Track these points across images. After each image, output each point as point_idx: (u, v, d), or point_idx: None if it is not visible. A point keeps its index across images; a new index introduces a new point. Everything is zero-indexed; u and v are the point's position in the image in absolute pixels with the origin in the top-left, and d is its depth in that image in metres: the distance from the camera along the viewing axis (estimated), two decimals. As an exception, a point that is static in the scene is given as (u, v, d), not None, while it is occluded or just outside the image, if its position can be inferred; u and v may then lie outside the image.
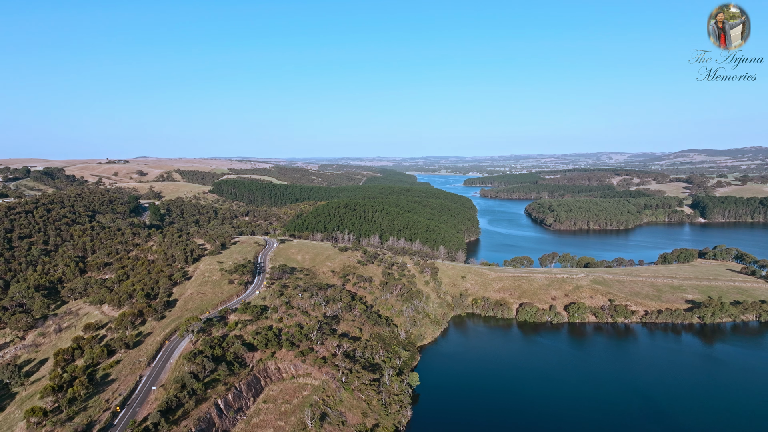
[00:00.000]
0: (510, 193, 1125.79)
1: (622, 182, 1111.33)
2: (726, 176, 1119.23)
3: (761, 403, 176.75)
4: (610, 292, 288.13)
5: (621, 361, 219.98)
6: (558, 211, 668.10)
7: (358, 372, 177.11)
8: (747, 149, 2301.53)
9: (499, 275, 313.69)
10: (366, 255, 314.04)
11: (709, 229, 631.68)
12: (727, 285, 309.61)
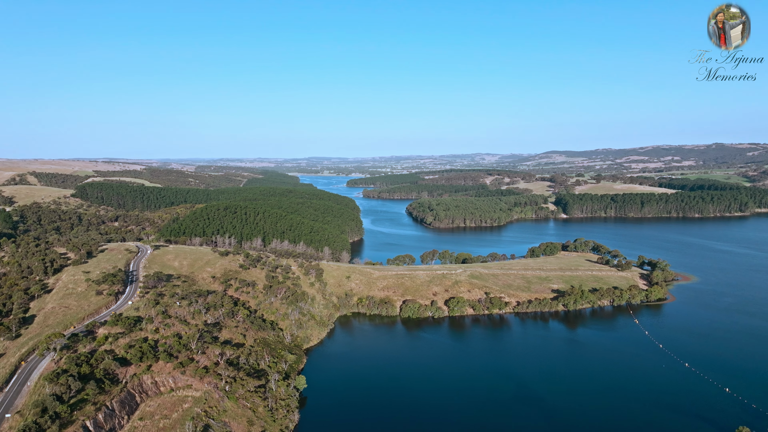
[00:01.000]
0: (392, 193, 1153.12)
1: (495, 182, 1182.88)
2: (583, 175, 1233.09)
3: (614, 379, 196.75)
4: (486, 286, 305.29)
5: (497, 349, 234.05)
6: (437, 210, 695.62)
7: (243, 379, 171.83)
8: (600, 151, 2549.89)
9: (383, 274, 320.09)
10: (248, 259, 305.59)
11: (570, 223, 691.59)
12: (586, 274, 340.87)
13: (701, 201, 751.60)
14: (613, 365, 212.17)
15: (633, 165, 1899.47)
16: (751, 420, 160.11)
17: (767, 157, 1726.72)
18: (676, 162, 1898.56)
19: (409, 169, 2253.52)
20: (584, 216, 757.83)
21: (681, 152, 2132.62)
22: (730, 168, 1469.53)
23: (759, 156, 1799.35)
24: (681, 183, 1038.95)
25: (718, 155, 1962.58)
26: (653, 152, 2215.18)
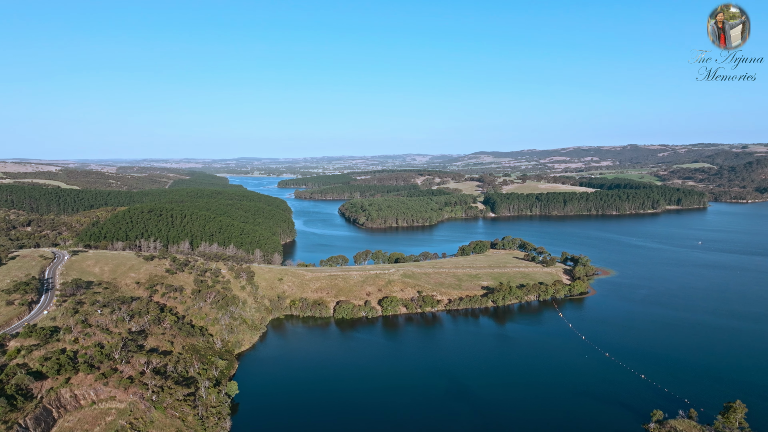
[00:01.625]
0: (324, 194, 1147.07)
1: (426, 182, 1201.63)
2: (510, 175, 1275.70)
3: (541, 371, 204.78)
4: (419, 284, 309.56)
5: (429, 347, 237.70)
6: (369, 211, 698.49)
7: (171, 388, 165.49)
8: (525, 152, 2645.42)
9: (316, 275, 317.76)
10: (175, 263, 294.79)
11: (499, 222, 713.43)
12: (514, 271, 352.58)
13: (618, 199, 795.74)
14: (540, 357, 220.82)
15: (556, 165, 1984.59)
16: (664, 403, 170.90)
17: (675, 158, 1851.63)
18: (595, 162, 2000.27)
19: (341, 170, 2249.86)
20: (511, 215, 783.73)
21: (599, 153, 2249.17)
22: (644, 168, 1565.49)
23: (668, 157, 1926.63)
24: (600, 182, 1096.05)
25: (633, 156, 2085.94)
26: (574, 153, 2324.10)
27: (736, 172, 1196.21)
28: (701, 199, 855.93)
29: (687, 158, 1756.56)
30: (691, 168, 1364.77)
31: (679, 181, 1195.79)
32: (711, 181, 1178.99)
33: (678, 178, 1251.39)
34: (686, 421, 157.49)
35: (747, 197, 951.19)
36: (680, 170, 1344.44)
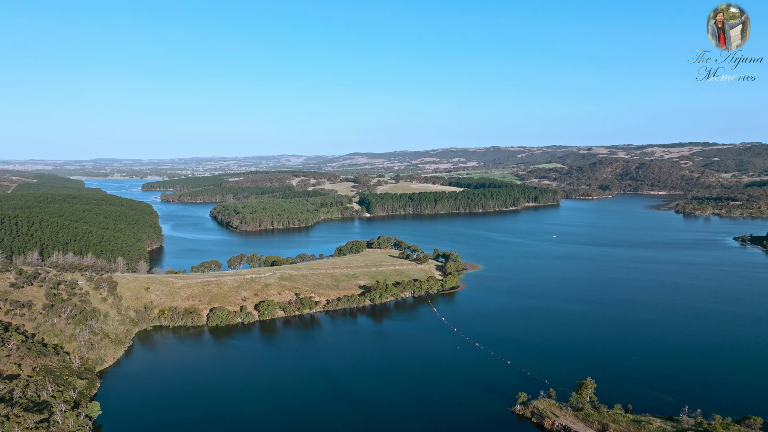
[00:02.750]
0: (194, 197, 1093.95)
1: (301, 183, 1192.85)
2: (384, 176, 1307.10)
3: (417, 364, 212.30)
4: (296, 287, 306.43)
5: (309, 349, 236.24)
6: (243, 213, 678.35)
7: (19, 416, 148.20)
8: (398, 153, 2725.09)
9: (188, 282, 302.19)
10: (22, 276, 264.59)
11: (374, 222, 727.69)
12: (390, 269, 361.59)
13: (484, 198, 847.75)
14: (416, 351, 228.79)
15: (427, 166, 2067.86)
16: (528, 385, 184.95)
17: (533, 159, 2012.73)
18: (462, 163, 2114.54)
19: (212, 171, 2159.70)
20: (386, 214, 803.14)
21: (466, 154, 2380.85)
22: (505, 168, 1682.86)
23: (526, 158, 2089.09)
24: (467, 182, 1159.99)
25: (496, 157, 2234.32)
26: (443, 154, 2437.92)
27: (583, 172, 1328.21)
28: (555, 196, 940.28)
29: (542, 159, 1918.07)
30: (546, 168, 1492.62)
31: (536, 180, 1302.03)
32: (563, 179, 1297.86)
33: (535, 177, 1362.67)
34: (547, 400, 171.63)
35: (592, 194, 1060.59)
36: (537, 170, 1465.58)
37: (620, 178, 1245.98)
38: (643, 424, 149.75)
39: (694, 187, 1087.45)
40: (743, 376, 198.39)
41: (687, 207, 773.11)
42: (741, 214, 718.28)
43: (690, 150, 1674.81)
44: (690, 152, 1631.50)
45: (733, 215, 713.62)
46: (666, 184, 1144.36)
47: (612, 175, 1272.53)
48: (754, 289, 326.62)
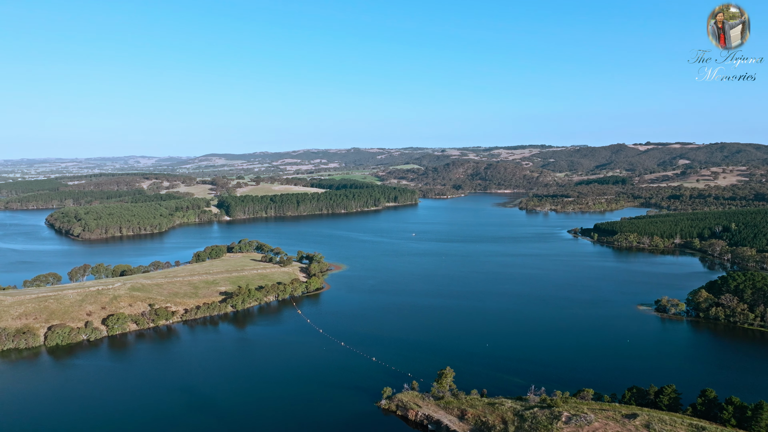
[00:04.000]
0: (25, 203, 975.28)
1: (153, 186, 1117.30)
2: (243, 178, 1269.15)
3: (284, 368, 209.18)
4: (150, 297, 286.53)
5: (166, 362, 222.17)
6: (86, 220, 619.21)
7: None
8: (258, 154, 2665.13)
9: (20, 299, 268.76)
10: None
11: (234, 225, 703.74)
12: (252, 273, 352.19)
13: (346, 198, 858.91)
14: (282, 355, 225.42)
15: (288, 167, 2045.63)
16: (393, 380, 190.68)
17: (391, 160, 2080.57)
18: (324, 164, 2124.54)
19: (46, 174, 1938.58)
20: (247, 217, 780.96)
21: (327, 155, 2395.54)
22: (366, 169, 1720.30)
23: (385, 159, 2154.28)
24: (329, 183, 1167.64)
25: (356, 158, 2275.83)
26: (305, 155, 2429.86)
27: (438, 172, 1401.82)
28: (413, 196, 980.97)
29: (400, 160, 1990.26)
30: (404, 169, 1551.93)
31: (395, 181, 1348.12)
32: (420, 180, 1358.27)
33: (394, 178, 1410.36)
34: (410, 392, 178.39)
35: (447, 193, 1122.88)
36: (396, 171, 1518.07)
37: (471, 177, 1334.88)
38: (496, 405, 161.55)
39: (534, 185, 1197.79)
40: (577, 354, 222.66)
41: (529, 204, 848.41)
42: (573, 209, 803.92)
43: (530, 152, 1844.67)
44: (530, 154, 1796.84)
45: (566, 210, 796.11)
46: (511, 183, 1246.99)
47: (464, 175, 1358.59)
48: (584, 275, 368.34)
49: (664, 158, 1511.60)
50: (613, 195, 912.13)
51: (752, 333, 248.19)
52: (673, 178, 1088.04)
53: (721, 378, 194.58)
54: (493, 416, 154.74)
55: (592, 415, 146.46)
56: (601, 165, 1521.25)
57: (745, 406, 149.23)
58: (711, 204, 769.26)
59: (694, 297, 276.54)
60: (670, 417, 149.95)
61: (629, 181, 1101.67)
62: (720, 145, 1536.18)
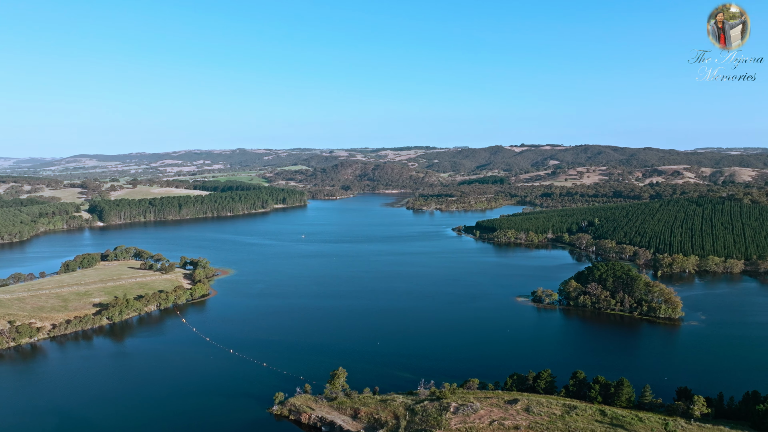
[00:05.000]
0: None
1: (11, 190, 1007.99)
2: (118, 180, 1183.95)
3: (170, 381, 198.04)
4: (10, 313, 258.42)
5: (30, 385, 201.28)
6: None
7: None
8: (134, 155, 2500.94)
9: None
10: None
11: (109, 231, 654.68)
12: (130, 282, 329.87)
13: (232, 201, 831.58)
14: (166, 367, 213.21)
15: (168, 169, 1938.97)
16: (285, 384, 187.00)
17: (279, 161, 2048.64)
18: (208, 165, 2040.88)
19: None
20: (123, 222, 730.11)
21: (211, 156, 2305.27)
22: (252, 170, 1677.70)
23: (273, 160, 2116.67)
24: (213, 185, 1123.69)
25: (242, 159, 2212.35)
26: (186, 156, 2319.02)
27: (327, 173, 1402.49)
28: (302, 197, 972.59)
29: (288, 161, 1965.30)
30: (292, 170, 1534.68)
31: (283, 182, 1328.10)
32: (308, 181, 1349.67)
33: (282, 179, 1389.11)
34: (303, 395, 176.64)
35: (336, 194, 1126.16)
36: (284, 172, 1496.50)
37: (360, 178, 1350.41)
38: (388, 402, 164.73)
39: (420, 185, 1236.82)
40: (464, 346, 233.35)
41: (416, 204, 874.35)
42: (457, 208, 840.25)
43: (416, 153, 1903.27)
44: (416, 155, 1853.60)
45: (451, 209, 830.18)
46: (398, 183, 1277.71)
47: (352, 176, 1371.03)
48: (468, 270, 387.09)
49: (536, 159, 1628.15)
50: (492, 194, 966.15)
51: (614, 317, 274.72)
52: (545, 178, 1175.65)
53: (589, 360, 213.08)
54: (385, 413, 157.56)
55: (477, 403, 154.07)
56: (481, 165, 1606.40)
57: (609, 384, 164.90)
58: (578, 201, 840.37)
59: (565, 287, 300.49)
60: (547, 399, 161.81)
61: (507, 180, 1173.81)
62: (584, 147, 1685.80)
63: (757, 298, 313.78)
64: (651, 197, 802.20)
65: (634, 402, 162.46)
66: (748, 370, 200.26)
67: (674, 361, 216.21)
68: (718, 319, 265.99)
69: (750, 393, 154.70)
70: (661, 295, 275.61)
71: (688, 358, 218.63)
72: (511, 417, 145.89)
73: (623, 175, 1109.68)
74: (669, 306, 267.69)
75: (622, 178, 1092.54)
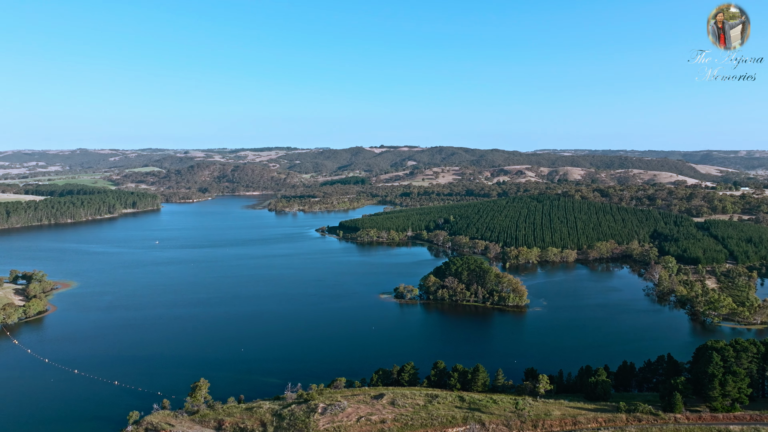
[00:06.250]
0: None
1: None
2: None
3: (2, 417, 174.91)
4: None
5: None
6: None
7: None
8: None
9: None
10: None
11: None
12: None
13: (72, 206, 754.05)
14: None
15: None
16: (140, 403, 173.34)
17: (127, 162, 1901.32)
18: (42, 167, 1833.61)
19: None
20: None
21: (46, 157, 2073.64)
22: (96, 173, 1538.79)
23: (120, 161, 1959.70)
24: (50, 189, 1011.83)
25: (84, 160, 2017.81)
26: (15, 157, 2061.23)
27: (182, 175, 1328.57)
28: (155, 201, 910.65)
29: (138, 162, 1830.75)
30: (143, 172, 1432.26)
31: (132, 185, 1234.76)
32: (162, 183, 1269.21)
33: (132, 182, 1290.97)
34: (161, 412, 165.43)
35: (193, 197, 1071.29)
36: (133, 174, 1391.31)
37: (218, 180, 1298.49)
38: (254, 409, 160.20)
39: (282, 187, 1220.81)
40: (330, 346, 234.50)
41: (278, 205, 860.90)
42: (320, 208, 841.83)
43: (277, 154, 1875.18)
44: (277, 156, 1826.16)
45: (314, 210, 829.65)
46: (259, 185, 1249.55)
47: (210, 178, 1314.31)
48: (332, 270, 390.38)
49: (395, 160, 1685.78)
50: (354, 194, 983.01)
51: (469, 308, 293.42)
52: (404, 178, 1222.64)
53: (448, 350, 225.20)
54: (251, 421, 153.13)
55: (345, 401, 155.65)
56: (343, 166, 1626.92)
57: (466, 371, 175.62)
58: (435, 200, 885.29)
59: (425, 282, 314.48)
60: (411, 391, 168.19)
61: (368, 181, 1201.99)
62: (439, 148, 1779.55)
63: (588, 283, 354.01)
64: (499, 195, 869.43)
65: (489, 386, 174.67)
66: (582, 348, 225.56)
67: (522, 344, 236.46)
68: (557, 304, 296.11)
69: (584, 368, 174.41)
70: (509, 285, 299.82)
71: (533, 341, 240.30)
72: (378, 411, 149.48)
73: (474, 175, 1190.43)
74: (516, 295, 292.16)
75: (473, 177, 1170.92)
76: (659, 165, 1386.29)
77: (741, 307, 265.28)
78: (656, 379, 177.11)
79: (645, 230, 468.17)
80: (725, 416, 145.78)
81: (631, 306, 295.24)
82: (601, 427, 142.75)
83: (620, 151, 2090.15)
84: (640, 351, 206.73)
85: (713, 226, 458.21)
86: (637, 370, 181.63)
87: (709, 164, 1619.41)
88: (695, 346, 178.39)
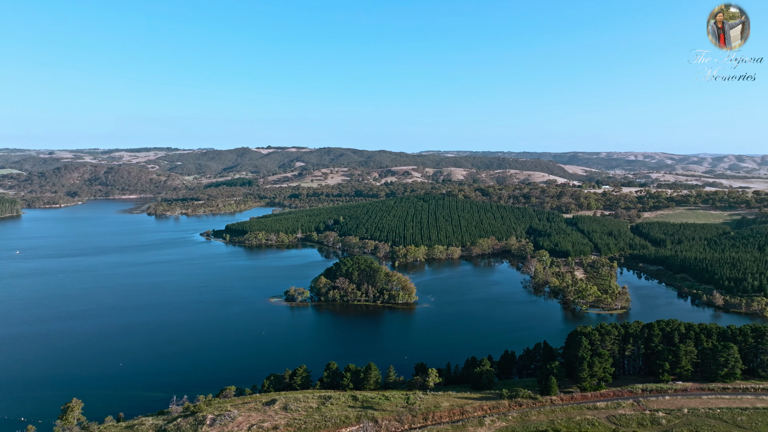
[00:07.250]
0: None
1: None
2: None
3: None
4: None
5: None
6: None
7: None
8: None
9: None
10: None
11: None
12: None
13: None
14: None
15: None
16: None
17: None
18: None
19: None
20: None
21: None
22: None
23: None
24: None
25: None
26: None
27: (46, 178, 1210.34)
28: (14, 206, 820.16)
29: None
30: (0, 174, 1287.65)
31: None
32: (22, 187, 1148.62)
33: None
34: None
35: (60, 202, 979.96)
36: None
37: (90, 183, 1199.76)
38: (135, 427, 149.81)
39: (162, 189, 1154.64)
40: (218, 354, 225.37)
41: (158, 209, 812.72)
42: (204, 212, 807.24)
43: (156, 155, 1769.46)
44: (156, 157, 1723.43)
45: (198, 213, 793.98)
46: (137, 187, 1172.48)
47: (80, 181, 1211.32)
48: (219, 275, 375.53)
49: (283, 161, 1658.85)
50: (241, 196, 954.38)
51: (361, 307, 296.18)
52: (292, 179, 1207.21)
53: (340, 350, 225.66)
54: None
55: (235, 411, 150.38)
56: (229, 168, 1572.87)
57: (359, 370, 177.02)
58: (324, 201, 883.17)
59: (316, 284, 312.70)
60: (303, 394, 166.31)
61: (255, 182, 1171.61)
62: (327, 149, 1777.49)
63: (471, 279, 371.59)
64: (387, 195, 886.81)
65: (381, 383, 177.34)
66: (468, 340, 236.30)
67: (412, 340, 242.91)
68: (444, 299, 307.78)
69: (470, 359, 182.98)
70: (399, 284, 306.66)
71: (423, 336, 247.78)
72: (270, 418, 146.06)
73: (363, 176, 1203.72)
74: (406, 292, 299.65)
75: (362, 178, 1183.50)
76: (533, 165, 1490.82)
77: (604, 294, 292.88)
78: (534, 365, 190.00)
79: (522, 227, 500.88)
80: (593, 394, 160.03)
81: (511, 298, 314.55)
82: (486, 414, 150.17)
83: (498, 153, 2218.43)
84: (520, 340, 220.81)
85: (580, 222, 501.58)
86: (517, 358, 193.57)
87: (576, 164, 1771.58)
88: (567, 333, 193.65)
